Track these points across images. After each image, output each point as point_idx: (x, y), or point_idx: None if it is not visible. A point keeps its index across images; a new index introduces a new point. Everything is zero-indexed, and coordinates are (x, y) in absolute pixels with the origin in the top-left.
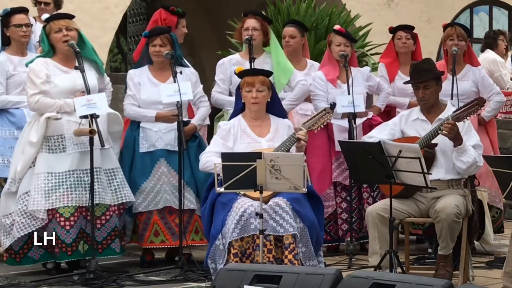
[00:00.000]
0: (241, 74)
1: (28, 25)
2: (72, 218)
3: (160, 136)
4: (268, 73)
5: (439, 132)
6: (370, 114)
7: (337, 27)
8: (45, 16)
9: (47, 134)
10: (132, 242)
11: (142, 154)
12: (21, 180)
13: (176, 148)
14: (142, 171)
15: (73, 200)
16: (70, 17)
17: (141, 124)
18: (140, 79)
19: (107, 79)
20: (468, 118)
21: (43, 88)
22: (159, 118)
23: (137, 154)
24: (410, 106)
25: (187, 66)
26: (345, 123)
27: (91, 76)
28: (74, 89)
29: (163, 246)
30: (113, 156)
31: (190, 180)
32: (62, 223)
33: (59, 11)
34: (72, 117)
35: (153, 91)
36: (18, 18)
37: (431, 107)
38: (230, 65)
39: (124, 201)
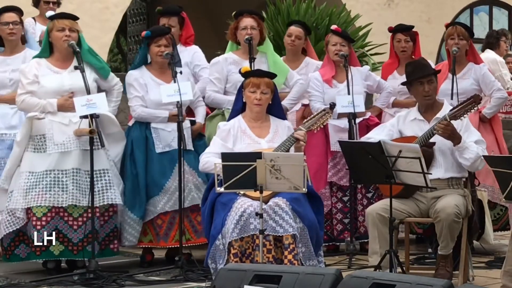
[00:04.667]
0: (246, 74)
1: (16, 23)
2: (44, 218)
3: (174, 136)
4: (272, 76)
5: (434, 132)
6: (368, 114)
7: (333, 26)
8: (50, 13)
9: (32, 133)
10: (142, 244)
11: (158, 154)
12: (11, 178)
13: (192, 147)
14: (162, 171)
15: (47, 200)
16: (74, 18)
17: (152, 125)
18: (144, 80)
19: (115, 80)
20: (465, 116)
21: (30, 88)
22: (171, 118)
23: (153, 155)
24: (394, 104)
25: (181, 66)
26: (341, 123)
27: (88, 76)
28: (60, 90)
29: (188, 245)
30: (103, 157)
31: (205, 179)
32: (33, 223)
33: (60, 10)
34: (55, 117)
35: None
36: (6, 16)
37: (428, 106)
38: (226, 64)
39: (105, 203)
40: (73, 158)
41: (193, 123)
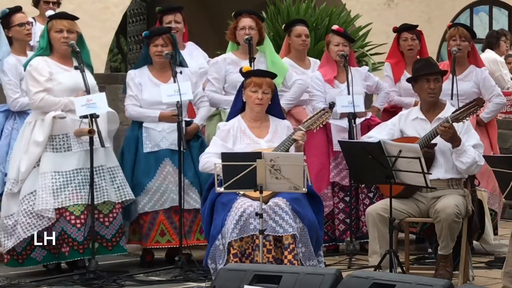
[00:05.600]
0: (247, 74)
1: (29, 23)
2: (82, 216)
3: (164, 136)
4: (273, 76)
5: (436, 134)
6: (369, 114)
7: (335, 27)
8: (50, 12)
9: (52, 133)
10: (132, 243)
11: (146, 154)
12: (24, 180)
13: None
14: (147, 171)
15: (82, 198)
16: (73, 18)
17: (144, 124)
18: (141, 79)
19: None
20: (467, 118)
21: (47, 85)
22: (162, 118)
23: (141, 154)
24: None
25: (187, 66)
26: (343, 123)
27: (90, 76)
28: (77, 87)
29: (169, 246)
30: (113, 154)
31: (194, 180)
32: (73, 221)
33: (60, 10)
34: (75, 115)
35: (154, 91)
36: (19, 17)
37: (431, 106)
38: (224, 64)
39: (127, 198)
40: (98, 155)
41: (188, 123)
